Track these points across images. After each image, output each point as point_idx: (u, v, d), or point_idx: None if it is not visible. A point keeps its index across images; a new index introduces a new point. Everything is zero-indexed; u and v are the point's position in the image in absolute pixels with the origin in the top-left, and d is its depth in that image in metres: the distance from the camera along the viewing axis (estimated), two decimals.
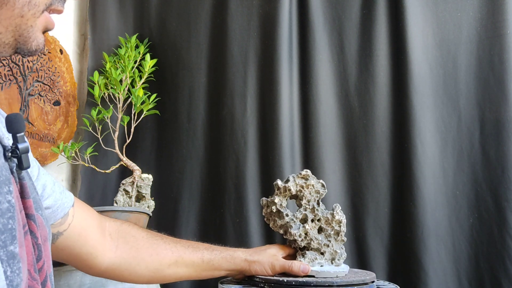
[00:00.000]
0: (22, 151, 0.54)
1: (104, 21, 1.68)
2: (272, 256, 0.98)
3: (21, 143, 0.54)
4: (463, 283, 1.37)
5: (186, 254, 0.90)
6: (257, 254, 0.97)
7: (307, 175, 1.05)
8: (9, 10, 0.50)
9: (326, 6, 1.53)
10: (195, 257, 0.90)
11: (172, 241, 0.90)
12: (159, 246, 0.87)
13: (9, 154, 0.53)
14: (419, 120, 1.41)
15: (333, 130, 1.50)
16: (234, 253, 0.96)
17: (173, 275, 0.89)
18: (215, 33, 1.61)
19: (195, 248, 0.92)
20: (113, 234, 0.85)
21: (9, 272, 0.47)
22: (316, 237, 1.01)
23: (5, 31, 0.51)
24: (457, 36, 1.44)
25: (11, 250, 0.48)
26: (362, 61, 1.50)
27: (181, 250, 0.89)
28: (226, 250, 0.96)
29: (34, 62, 1.45)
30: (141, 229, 0.89)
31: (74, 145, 1.49)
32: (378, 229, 1.44)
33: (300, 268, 0.95)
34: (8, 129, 0.54)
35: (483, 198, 1.37)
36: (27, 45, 0.54)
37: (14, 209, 0.49)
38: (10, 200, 0.49)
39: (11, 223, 0.48)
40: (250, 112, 1.54)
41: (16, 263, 0.48)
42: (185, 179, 1.58)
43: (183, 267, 0.89)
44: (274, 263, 0.96)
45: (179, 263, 0.89)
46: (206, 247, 0.94)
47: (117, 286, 1.20)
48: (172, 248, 0.88)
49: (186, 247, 0.91)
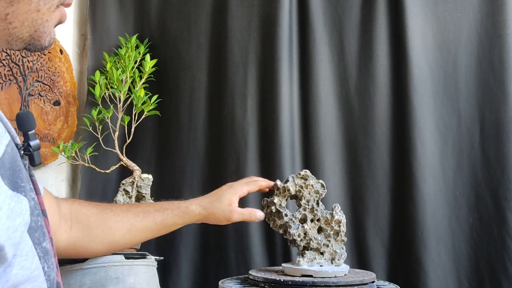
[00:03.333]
0: (34, 148, 0.54)
1: (104, 21, 1.68)
2: (228, 207, 0.98)
3: (33, 141, 0.54)
4: (463, 283, 1.37)
5: (138, 222, 0.91)
6: (211, 206, 0.98)
7: (306, 175, 1.05)
8: (26, 5, 0.49)
9: (326, 6, 1.53)
10: (147, 221, 0.92)
11: (122, 211, 0.91)
12: (110, 220, 0.89)
13: (21, 152, 0.53)
14: (419, 120, 1.41)
15: (333, 130, 1.50)
16: (187, 209, 0.96)
17: (129, 242, 0.92)
18: (215, 33, 1.61)
19: (146, 212, 0.93)
20: (67, 215, 0.86)
21: (46, 268, 0.48)
22: (316, 237, 1.02)
23: (20, 25, 0.50)
24: (457, 36, 1.44)
25: (45, 246, 0.49)
26: (362, 61, 1.50)
27: (131, 219, 0.91)
28: (178, 207, 0.96)
29: (34, 62, 1.45)
30: (91, 204, 0.91)
31: (74, 145, 1.49)
32: (378, 229, 1.44)
33: (258, 217, 0.99)
34: (19, 127, 0.55)
35: (483, 198, 1.37)
36: (41, 41, 0.53)
37: (39, 206, 0.50)
38: (34, 198, 0.50)
39: (40, 220, 0.49)
40: (250, 112, 1.54)
41: (49, 258, 0.49)
42: (185, 179, 1.58)
43: (137, 233, 0.92)
44: (230, 216, 0.97)
45: (132, 231, 0.91)
46: (157, 208, 0.94)
47: (117, 286, 1.20)
48: (123, 219, 0.90)
49: (136, 214, 0.92)
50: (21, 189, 0.47)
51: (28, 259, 0.46)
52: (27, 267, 0.45)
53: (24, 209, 0.46)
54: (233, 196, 0.99)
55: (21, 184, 0.47)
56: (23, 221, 0.45)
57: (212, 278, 1.51)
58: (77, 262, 1.20)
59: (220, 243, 1.52)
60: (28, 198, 0.47)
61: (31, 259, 0.46)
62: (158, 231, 0.94)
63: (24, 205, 0.46)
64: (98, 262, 1.20)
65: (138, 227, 0.91)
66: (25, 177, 0.49)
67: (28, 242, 0.46)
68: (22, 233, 0.45)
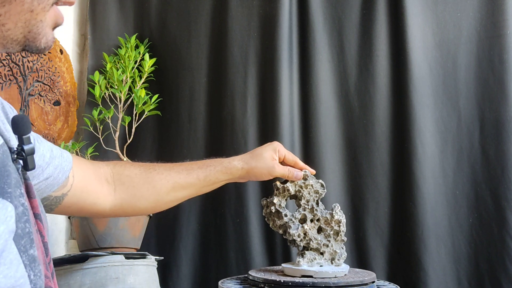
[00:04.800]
0: (28, 153, 0.54)
1: (104, 21, 1.68)
2: (270, 162, 1.00)
3: (27, 145, 0.54)
4: (463, 283, 1.37)
5: (181, 179, 0.93)
6: (254, 160, 1.00)
7: (306, 175, 1.05)
8: (19, 5, 0.49)
9: (326, 6, 1.53)
10: (191, 178, 0.94)
11: (165, 169, 0.93)
12: (154, 179, 0.90)
13: (14, 156, 0.52)
14: (419, 120, 1.41)
15: (333, 130, 1.50)
16: (230, 164, 0.99)
17: (174, 199, 0.94)
18: (215, 33, 1.61)
19: (189, 170, 0.95)
20: (109, 178, 0.87)
21: (32, 276, 0.47)
22: (315, 237, 1.02)
23: (14, 27, 0.50)
24: (457, 36, 1.44)
25: (32, 254, 0.48)
26: (362, 61, 1.50)
27: (175, 176, 0.93)
28: (221, 163, 0.99)
29: (34, 62, 1.45)
30: (134, 165, 0.92)
31: (75, 145, 1.49)
32: (378, 229, 1.44)
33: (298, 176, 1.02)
34: (14, 130, 0.54)
35: (483, 198, 1.37)
36: (36, 42, 0.52)
37: (28, 212, 0.49)
38: (23, 203, 0.49)
39: (28, 226, 0.48)
40: (250, 112, 1.54)
41: (36, 266, 0.48)
42: None
43: (181, 190, 0.94)
44: (273, 169, 1.00)
45: (177, 188, 0.92)
46: (199, 165, 0.96)
47: (117, 286, 1.21)
48: (166, 177, 0.92)
49: (180, 171, 0.94)
50: (7, 195, 0.46)
51: (13, 267, 0.45)
52: (10, 276, 0.44)
53: (8, 216, 0.45)
54: (274, 153, 1.02)
55: (8, 189, 0.46)
56: (7, 228, 0.44)
57: (212, 278, 1.51)
58: (77, 262, 1.21)
59: (220, 243, 1.52)
60: (15, 204, 0.47)
61: (15, 267, 0.45)
62: (201, 188, 0.96)
63: (9, 212, 0.45)
64: (98, 262, 1.21)
65: (182, 184, 0.93)
66: (14, 182, 0.48)
67: (13, 250, 0.45)
68: (6, 241, 0.44)
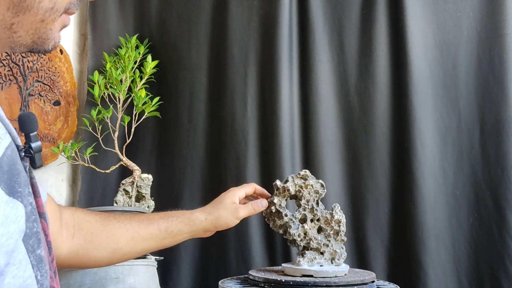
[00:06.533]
0: (36, 151, 0.54)
1: (104, 21, 1.68)
2: (232, 206, 0.98)
3: (34, 142, 0.54)
4: (463, 283, 1.37)
5: (142, 229, 0.89)
6: (216, 210, 0.97)
7: (306, 175, 1.05)
8: (32, 16, 0.50)
9: (326, 6, 1.53)
10: (151, 228, 0.90)
11: (126, 219, 0.90)
12: (113, 226, 0.87)
13: (22, 154, 0.52)
14: (419, 120, 1.41)
15: (333, 130, 1.50)
16: (192, 215, 0.95)
17: (133, 251, 0.89)
18: (215, 33, 1.61)
19: (150, 220, 0.91)
20: (69, 222, 0.85)
21: (39, 276, 0.47)
22: (316, 237, 1.02)
23: (25, 34, 0.51)
24: (457, 36, 1.44)
25: (39, 254, 0.48)
26: (362, 61, 1.50)
27: (135, 226, 0.89)
28: (183, 214, 0.95)
29: (34, 62, 1.45)
30: (94, 213, 0.89)
31: (74, 145, 1.49)
32: (378, 229, 1.44)
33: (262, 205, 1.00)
34: (21, 128, 0.54)
35: (482, 198, 1.37)
36: (44, 46, 0.54)
37: (36, 211, 0.49)
38: (31, 202, 0.49)
39: (35, 226, 0.48)
40: (250, 112, 1.54)
41: (43, 266, 0.48)
42: (185, 179, 1.58)
43: (141, 241, 0.89)
44: (237, 213, 0.97)
45: (136, 238, 0.88)
46: (161, 216, 0.93)
47: (117, 286, 1.21)
48: (126, 226, 0.88)
49: (141, 221, 0.90)
50: (18, 194, 0.46)
51: (21, 268, 0.45)
52: (19, 276, 0.45)
53: (19, 216, 0.45)
54: (233, 197, 0.99)
55: (18, 189, 0.46)
56: (18, 228, 0.45)
57: (212, 278, 1.51)
58: None
59: (220, 243, 1.52)
60: (24, 204, 0.47)
61: (24, 267, 0.45)
62: (162, 239, 0.92)
63: (19, 211, 0.45)
64: None
65: (142, 234, 0.89)
66: (24, 181, 0.48)
67: (22, 250, 0.45)
68: (16, 241, 0.44)
